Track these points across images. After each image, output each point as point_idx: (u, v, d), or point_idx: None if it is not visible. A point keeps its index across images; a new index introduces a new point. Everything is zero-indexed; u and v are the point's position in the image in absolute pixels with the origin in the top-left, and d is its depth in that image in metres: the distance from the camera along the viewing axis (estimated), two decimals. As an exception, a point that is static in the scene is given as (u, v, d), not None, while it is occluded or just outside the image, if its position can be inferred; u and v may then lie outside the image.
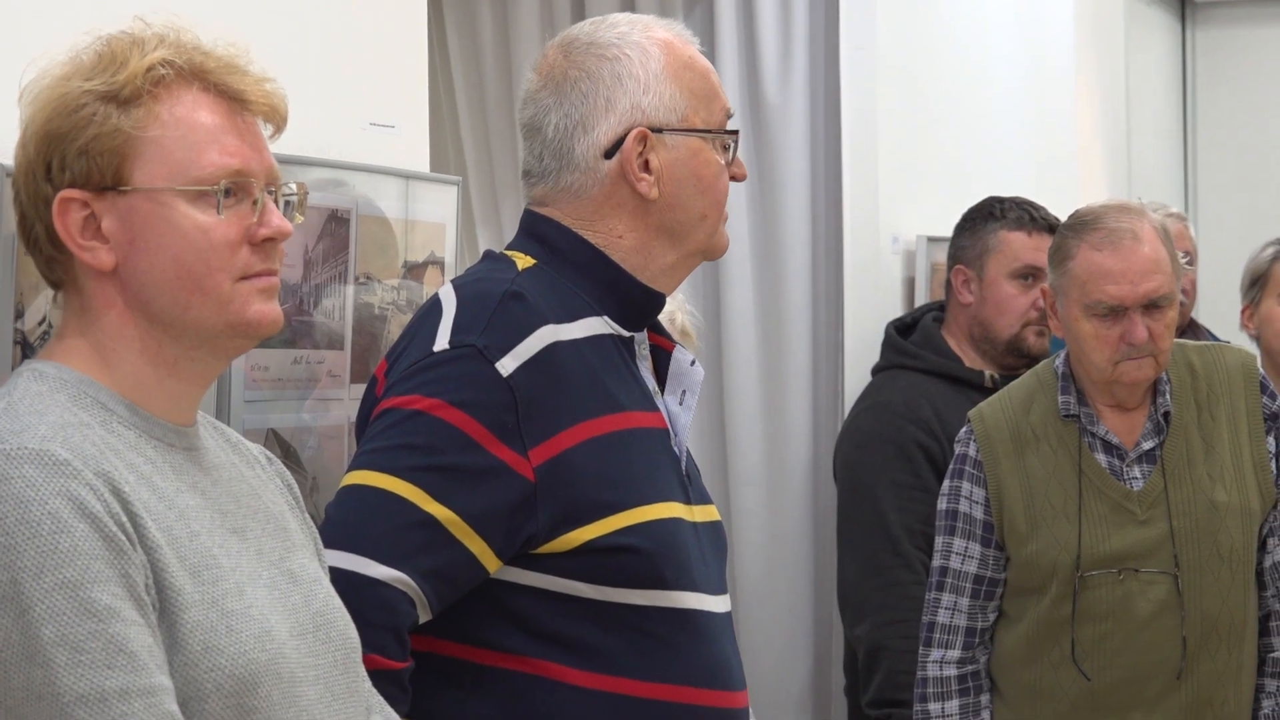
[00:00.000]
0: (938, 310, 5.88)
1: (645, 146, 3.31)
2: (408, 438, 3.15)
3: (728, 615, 3.36)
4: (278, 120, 2.76)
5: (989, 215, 5.72)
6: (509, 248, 3.39)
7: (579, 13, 6.18)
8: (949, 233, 6.36)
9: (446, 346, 3.18)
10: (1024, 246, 5.53)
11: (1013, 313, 5.62)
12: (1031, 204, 5.72)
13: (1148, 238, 4.71)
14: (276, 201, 2.72)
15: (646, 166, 3.31)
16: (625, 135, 3.31)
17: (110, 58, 2.65)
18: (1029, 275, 5.51)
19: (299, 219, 2.76)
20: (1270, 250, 5.89)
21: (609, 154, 3.32)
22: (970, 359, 5.71)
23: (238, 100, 2.70)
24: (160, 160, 2.64)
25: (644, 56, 3.34)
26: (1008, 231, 5.64)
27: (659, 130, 3.32)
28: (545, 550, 3.17)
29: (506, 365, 3.16)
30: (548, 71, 3.39)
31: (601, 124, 3.32)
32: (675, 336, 4.00)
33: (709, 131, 3.36)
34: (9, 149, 2.71)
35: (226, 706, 2.57)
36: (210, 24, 2.73)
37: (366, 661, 2.92)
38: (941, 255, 6.38)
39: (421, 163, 4.48)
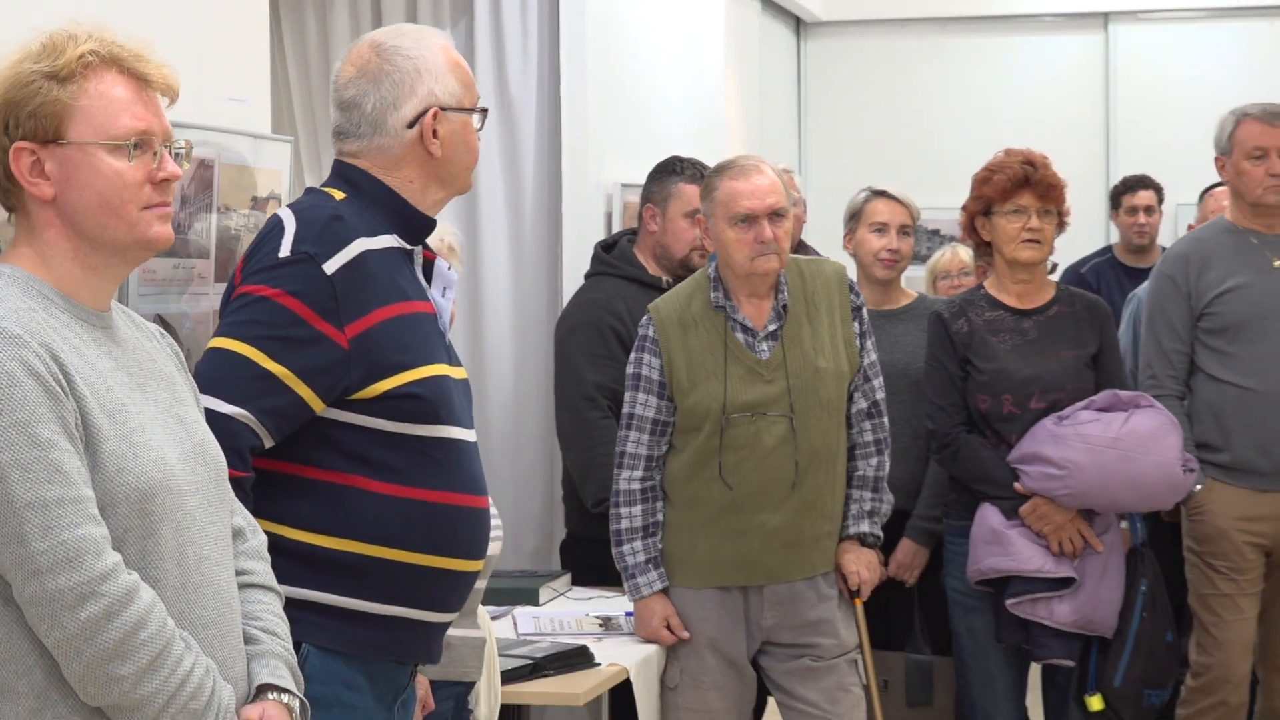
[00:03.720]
0: (631, 235, 5.87)
1: (435, 120, 3.34)
2: (254, 315, 3.16)
3: (476, 444, 3.38)
4: (172, 95, 2.75)
5: (672, 170, 5.69)
6: (324, 185, 3.40)
7: (377, 17, 6.14)
8: (636, 180, 6.38)
9: (289, 253, 3.19)
10: (694, 195, 5.50)
11: (684, 241, 5.63)
12: (702, 164, 5.72)
13: (767, 170, 4.84)
14: (170, 153, 2.71)
15: (435, 134, 3.34)
16: (424, 112, 3.34)
17: (52, 47, 2.64)
18: (697, 215, 5.51)
19: (186, 165, 2.76)
20: (863, 194, 5.94)
21: (411, 125, 3.34)
22: (653, 270, 5.71)
23: (144, 80, 2.69)
24: (87, 122, 2.63)
25: (434, 57, 3.37)
26: (684, 184, 5.62)
27: (445, 109, 3.35)
28: (357, 397, 3.19)
29: (330, 267, 3.17)
30: (363, 65, 3.38)
31: (407, 104, 3.33)
32: (444, 252, 4.02)
33: (472, 110, 3.40)
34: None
35: (132, 511, 2.58)
36: (118, 25, 2.71)
37: None
38: (632, 197, 6.40)
39: (265, 126, 4.44)
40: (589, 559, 5.52)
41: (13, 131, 2.63)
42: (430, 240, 3.74)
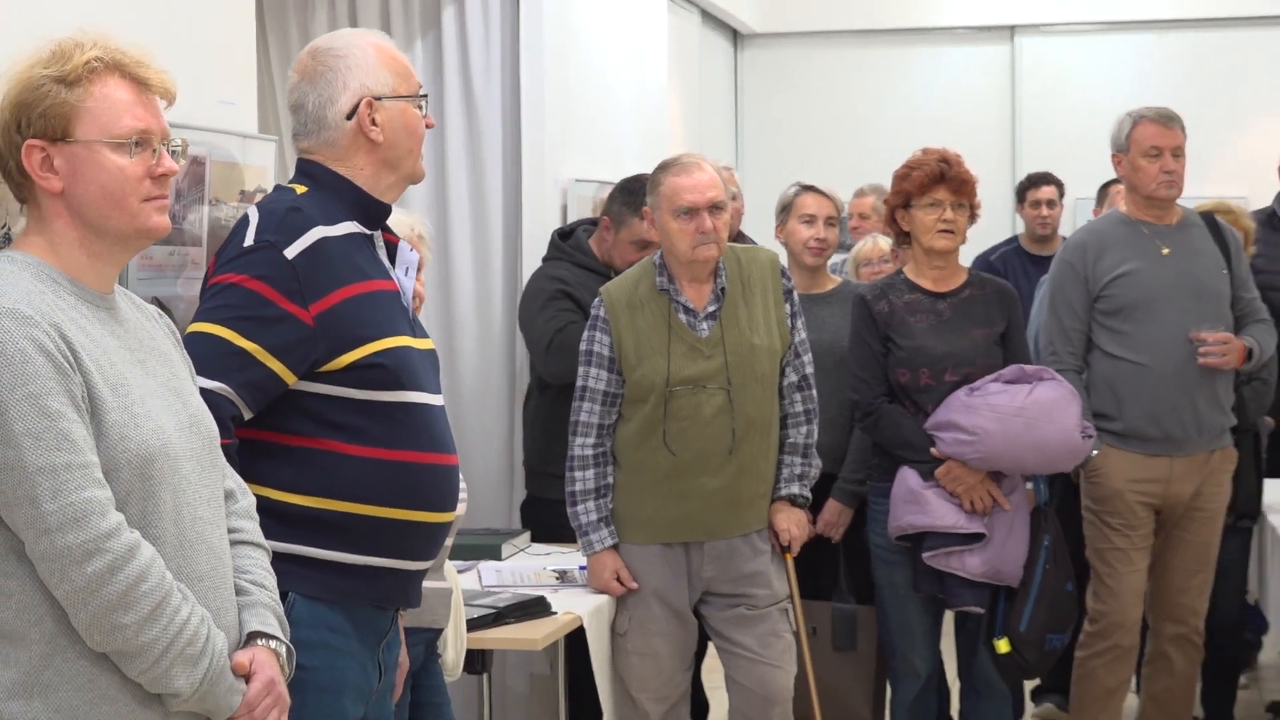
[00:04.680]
0: (589, 224, 5.84)
1: (372, 109, 3.30)
2: (226, 300, 3.15)
3: (442, 407, 3.36)
4: (169, 97, 2.74)
5: (635, 200, 5.45)
6: (290, 181, 3.39)
7: (352, 20, 6.13)
8: (588, 175, 6.39)
9: (252, 243, 3.18)
10: (646, 230, 5.37)
11: (627, 262, 5.39)
12: None
13: (707, 167, 4.84)
14: (168, 151, 2.70)
15: (374, 122, 3.31)
16: (359, 103, 3.31)
17: (61, 54, 2.64)
18: (645, 245, 5.45)
19: (181, 162, 2.75)
20: (793, 189, 5.94)
21: (349, 116, 3.31)
22: (603, 260, 5.67)
23: (144, 84, 2.69)
24: (93, 122, 2.63)
25: (364, 53, 3.33)
26: (640, 221, 5.40)
27: (380, 98, 3.32)
28: (326, 369, 3.17)
29: (290, 252, 3.16)
30: (303, 70, 3.37)
31: (342, 98, 3.30)
32: (415, 240, 4.01)
33: (409, 96, 3.36)
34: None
35: (133, 475, 2.58)
36: (120, 34, 2.71)
37: None
38: (585, 192, 6.39)
39: (252, 127, 4.44)
40: (546, 518, 5.52)
41: (25, 130, 2.63)
42: (402, 230, 3.73)
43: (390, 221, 3.47)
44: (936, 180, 5.27)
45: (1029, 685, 6.65)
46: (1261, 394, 5.98)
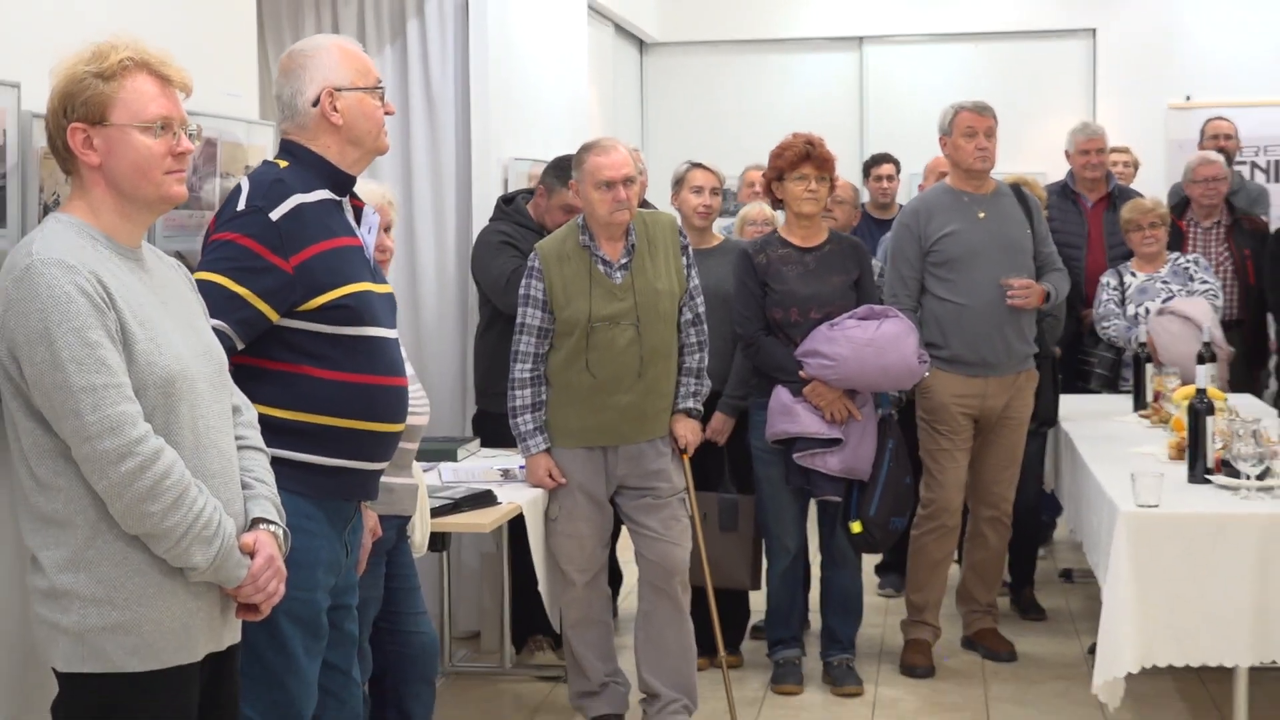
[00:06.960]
0: (526, 193, 5.75)
1: (333, 98, 3.25)
2: (223, 254, 3.12)
3: (396, 340, 3.33)
4: (187, 90, 2.73)
5: (564, 174, 5.33)
6: (275, 157, 3.33)
7: (334, 28, 6.05)
8: (524, 155, 6.34)
9: (244, 208, 3.14)
10: (572, 198, 5.29)
11: (557, 224, 5.34)
12: None
13: (621, 148, 4.81)
14: (186, 133, 2.69)
15: (335, 108, 3.26)
16: (321, 93, 3.26)
17: (99, 54, 2.63)
18: (571, 210, 5.37)
19: (197, 143, 2.74)
20: (684, 165, 5.93)
21: (315, 104, 3.26)
22: (537, 221, 5.64)
23: (166, 79, 2.68)
24: (125, 109, 2.62)
25: (328, 53, 3.28)
26: (567, 191, 5.30)
27: (340, 89, 3.26)
28: (302, 309, 3.14)
29: (275, 215, 3.12)
30: (283, 67, 3.32)
31: (308, 89, 3.25)
32: (384, 205, 3.96)
33: (366, 88, 3.30)
34: (42, 103, 2.68)
35: (158, 393, 2.58)
36: (147, 39, 2.69)
37: None
38: (522, 168, 6.34)
39: (254, 114, 4.37)
40: (493, 428, 5.49)
41: (70, 115, 2.62)
42: (373, 198, 3.68)
43: (363, 191, 3.43)
44: (803, 158, 5.28)
45: (873, 560, 6.71)
46: (1054, 327, 6.05)
